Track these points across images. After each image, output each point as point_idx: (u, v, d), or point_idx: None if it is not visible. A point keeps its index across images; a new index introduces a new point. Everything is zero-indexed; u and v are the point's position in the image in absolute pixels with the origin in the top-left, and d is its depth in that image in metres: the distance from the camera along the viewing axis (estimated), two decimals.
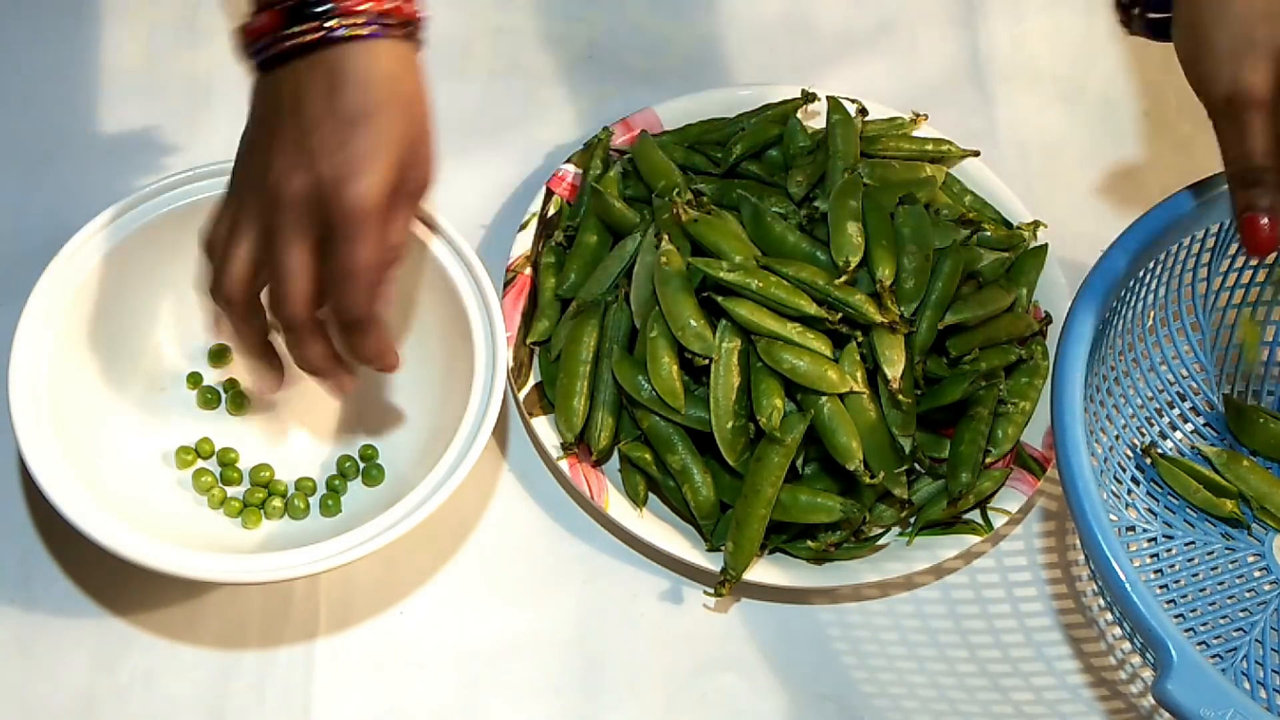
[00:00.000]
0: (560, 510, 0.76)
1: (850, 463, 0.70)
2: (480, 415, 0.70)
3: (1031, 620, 0.75)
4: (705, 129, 0.83)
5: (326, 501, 0.73)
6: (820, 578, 0.71)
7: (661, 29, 0.93)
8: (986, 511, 0.74)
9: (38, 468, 0.66)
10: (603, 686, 0.71)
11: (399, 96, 0.62)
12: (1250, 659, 0.73)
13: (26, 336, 0.69)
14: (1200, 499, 0.76)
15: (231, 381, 0.76)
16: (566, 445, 0.74)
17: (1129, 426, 0.78)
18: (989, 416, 0.74)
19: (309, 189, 0.61)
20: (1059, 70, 0.94)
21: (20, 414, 0.67)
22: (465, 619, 0.72)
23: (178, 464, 0.73)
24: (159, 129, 0.85)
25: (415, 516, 0.67)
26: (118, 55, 0.87)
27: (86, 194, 0.81)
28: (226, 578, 0.65)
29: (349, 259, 0.61)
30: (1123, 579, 0.62)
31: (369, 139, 0.61)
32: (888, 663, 0.73)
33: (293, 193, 0.61)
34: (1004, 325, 0.77)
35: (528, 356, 0.77)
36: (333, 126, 0.61)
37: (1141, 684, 0.73)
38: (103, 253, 0.72)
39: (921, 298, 0.73)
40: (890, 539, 0.73)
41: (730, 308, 0.71)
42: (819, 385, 0.70)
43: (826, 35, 0.94)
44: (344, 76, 0.61)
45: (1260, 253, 0.65)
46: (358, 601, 0.72)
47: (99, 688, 0.69)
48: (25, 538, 0.72)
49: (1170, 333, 0.79)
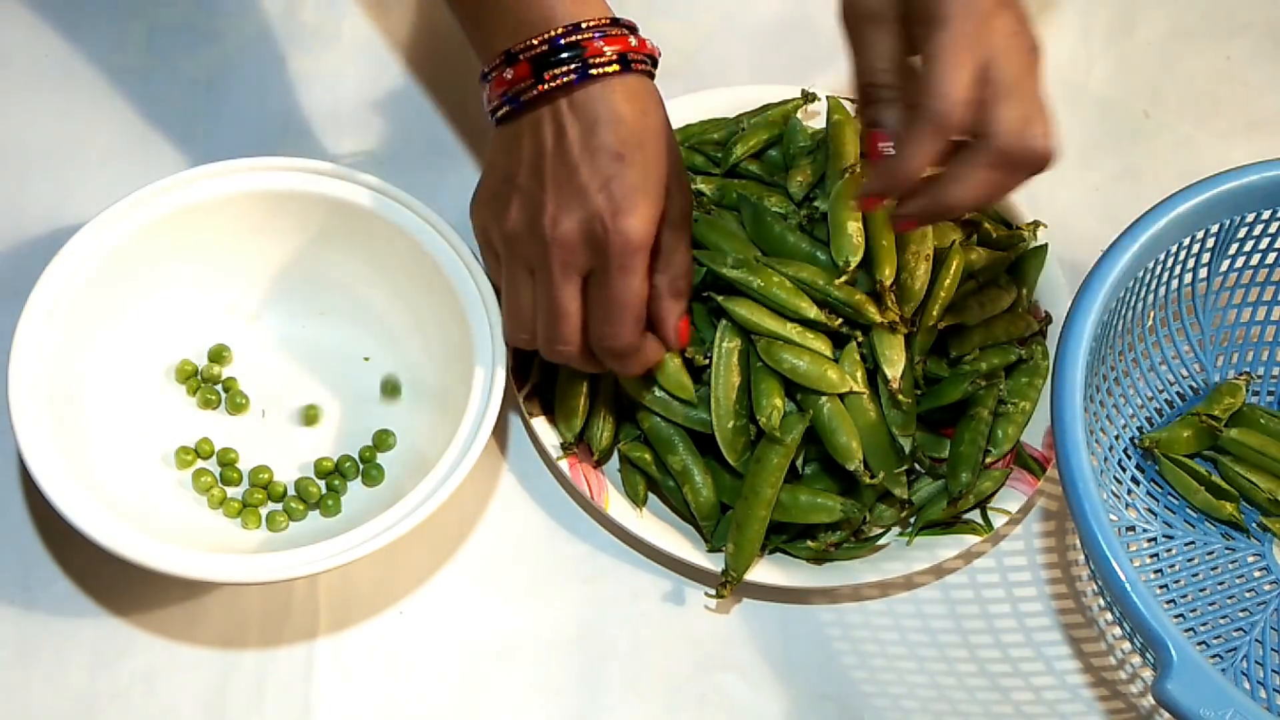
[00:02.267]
0: (560, 510, 0.76)
1: (850, 463, 0.70)
2: (480, 415, 0.70)
3: (1031, 620, 0.75)
4: (705, 129, 0.83)
5: (326, 501, 0.73)
6: (820, 578, 0.71)
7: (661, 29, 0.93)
8: (986, 511, 0.74)
9: (38, 468, 0.66)
10: (603, 686, 0.71)
11: (650, 130, 0.64)
12: (1250, 659, 0.73)
13: (26, 336, 0.69)
14: (1200, 500, 0.76)
15: (231, 381, 0.76)
16: (566, 445, 0.74)
17: (1129, 426, 0.78)
18: (989, 416, 0.74)
19: (582, 227, 0.63)
20: (1059, 70, 0.94)
21: (20, 414, 0.67)
22: (465, 619, 0.72)
23: (178, 464, 0.73)
24: (159, 129, 0.85)
25: (415, 516, 0.67)
26: (118, 55, 0.87)
27: (86, 194, 0.82)
28: (226, 578, 0.65)
29: (617, 291, 0.64)
30: (1123, 579, 0.62)
31: (633, 173, 0.63)
32: (888, 663, 0.73)
33: (566, 232, 0.63)
34: (1004, 325, 0.77)
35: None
36: (597, 165, 0.63)
37: (1141, 684, 0.73)
38: (103, 253, 0.72)
39: (921, 298, 0.73)
40: (890, 539, 0.73)
41: (730, 307, 0.71)
42: (819, 385, 0.70)
43: (826, 35, 0.94)
44: (599, 115, 0.63)
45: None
46: (358, 601, 0.72)
47: (99, 688, 0.69)
48: (25, 538, 0.72)
49: (1170, 333, 0.79)
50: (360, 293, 0.77)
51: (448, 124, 0.87)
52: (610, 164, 0.63)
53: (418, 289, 0.75)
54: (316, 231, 0.76)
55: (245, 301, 0.78)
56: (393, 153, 0.85)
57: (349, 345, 0.78)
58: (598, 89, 0.63)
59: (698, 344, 0.73)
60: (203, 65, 0.87)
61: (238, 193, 0.75)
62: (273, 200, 0.75)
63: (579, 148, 0.63)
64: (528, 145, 0.64)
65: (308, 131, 0.85)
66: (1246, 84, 0.94)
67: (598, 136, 0.63)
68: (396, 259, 0.75)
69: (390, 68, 0.89)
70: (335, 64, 0.88)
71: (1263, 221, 0.75)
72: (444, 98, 0.88)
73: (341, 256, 0.77)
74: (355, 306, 0.78)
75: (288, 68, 0.88)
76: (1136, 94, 0.94)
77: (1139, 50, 0.95)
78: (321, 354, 0.77)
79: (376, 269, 0.77)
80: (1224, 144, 0.91)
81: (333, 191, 0.75)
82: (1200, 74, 0.94)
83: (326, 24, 0.90)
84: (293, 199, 0.75)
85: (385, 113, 0.87)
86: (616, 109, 0.63)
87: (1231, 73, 0.95)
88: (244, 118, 0.86)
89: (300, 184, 0.75)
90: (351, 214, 0.75)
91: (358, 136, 0.86)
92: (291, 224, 0.76)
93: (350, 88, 0.88)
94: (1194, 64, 0.95)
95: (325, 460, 0.74)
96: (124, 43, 0.88)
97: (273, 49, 0.89)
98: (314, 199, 0.75)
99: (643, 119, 0.64)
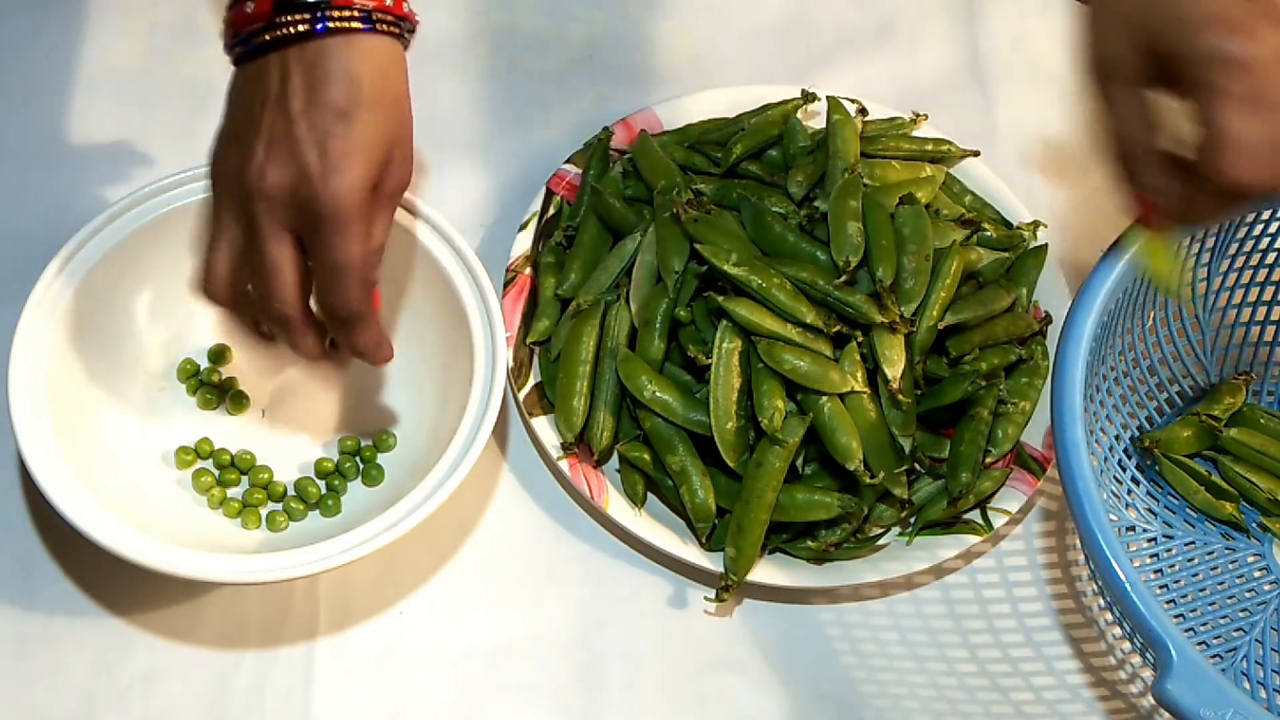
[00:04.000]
0: (560, 510, 0.76)
1: (850, 463, 0.70)
2: (480, 415, 0.70)
3: (1031, 620, 0.75)
4: (705, 129, 0.83)
5: (326, 501, 0.73)
6: (820, 578, 0.71)
7: (661, 29, 0.93)
8: (986, 511, 0.74)
9: (38, 468, 0.66)
10: (603, 686, 0.71)
11: (385, 94, 0.62)
12: (1250, 659, 0.73)
13: (26, 336, 0.69)
14: (1200, 500, 0.76)
15: (231, 381, 0.76)
16: (566, 445, 0.74)
17: (1129, 426, 0.78)
18: (989, 416, 0.74)
19: (290, 182, 0.60)
20: (1059, 70, 0.94)
21: (20, 414, 0.67)
22: (465, 619, 0.72)
23: (177, 464, 0.73)
24: (159, 129, 0.85)
25: (415, 516, 0.67)
26: (117, 55, 0.87)
27: (86, 194, 0.82)
28: (226, 578, 0.65)
29: (335, 254, 0.61)
30: (1123, 579, 0.62)
31: (353, 135, 0.60)
32: (888, 663, 0.73)
33: (272, 185, 0.60)
34: (1004, 325, 0.77)
35: (528, 356, 0.77)
36: (316, 120, 0.60)
37: (1141, 684, 0.73)
38: (102, 253, 0.72)
39: (921, 298, 0.73)
40: (890, 539, 0.73)
41: (730, 308, 0.71)
42: (819, 385, 0.70)
43: (826, 35, 0.94)
44: (331, 70, 0.60)
45: (1152, 226, 0.65)
46: (358, 601, 0.72)
47: (99, 688, 0.69)
48: (25, 538, 0.72)
49: (1170, 333, 0.79)
50: None
51: (448, 124, 0.87)
52: (332, 121, 0.60)
53: (418, 289, 0.75)
54: None
55: None
56: None
57: None
58: (334, 43, 0.60)
59: (699, 344, 0.73)
60: (203, 65, 0.87)
61: None
62: None
63: (301, 101, 0.60)
64: (253, 90, 0.62)
65: None
66: None
67: (324, 92, 0.60)
68: (396, 259, 0.75)
69: None
70: None
71: (1263, 221, 0.75)
72: (444, 98, 0.88)
73: None
74: None
75: None
76: None
77: None
78: None
79: None
80: None
81: None
82: None
83: None
84: None
85: None
86: (351, 67, 0.60)
87: None
88: None
89: None
90: None
91: None
92: None
93: None
94: None
95: (325, 460, 0.74)
96: (124, 43, 0.88)
97: None
98: None
99: (379, 81, 0.61)
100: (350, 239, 0.61)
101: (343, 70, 0.60)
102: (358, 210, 0.61)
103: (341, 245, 0.61)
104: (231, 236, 0.63)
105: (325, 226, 0.60)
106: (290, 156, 0.60)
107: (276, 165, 0.60)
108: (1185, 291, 0.69)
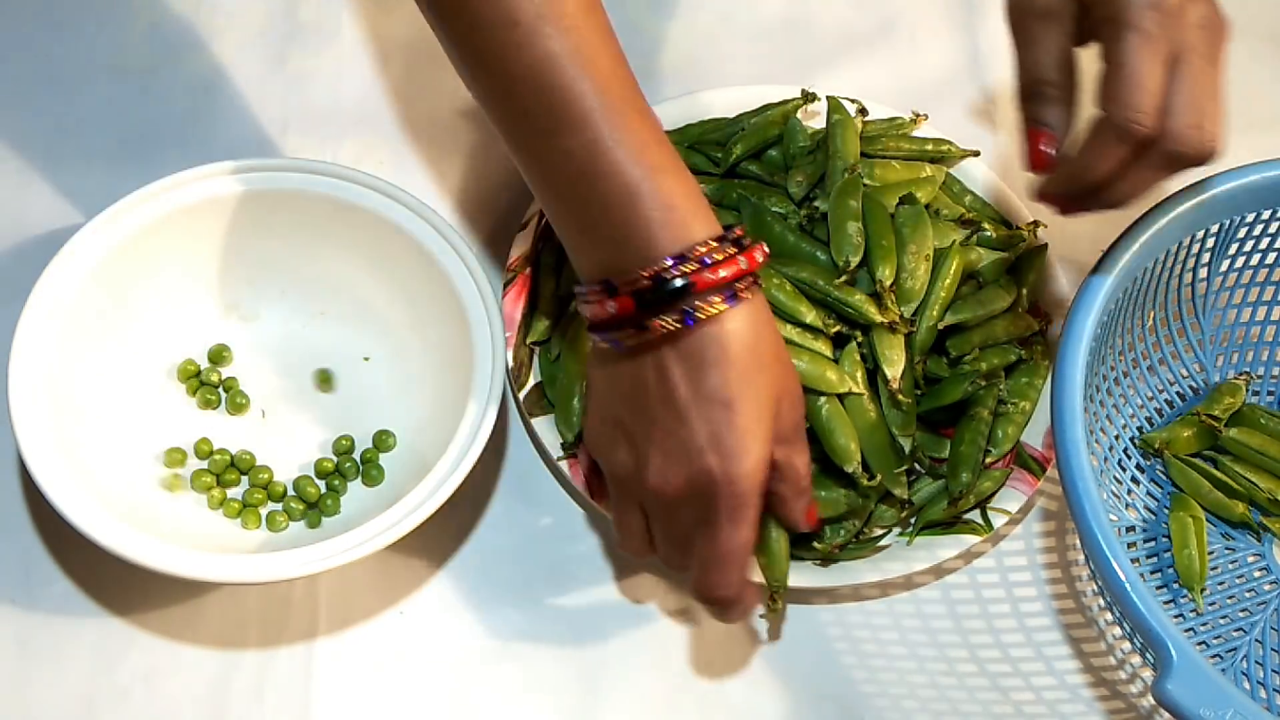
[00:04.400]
0: (560, 510, 0.76)
1: (849, 465, 0.70)
2: (480, 415, 0.70)
3: (1031, 620, 0.75)
4: (705, 129, 0.83)
5: (326, 501, 0.73)
6: (820, 578, 0.71)
7: (661, 29, 0.93)
8: (986, 511, 0.74)
9: (38, 468, 0.66)
10: (602, 687, 0.71)
11: (761, 360, 0.60)
12: (1250, 659, 0.73)
13: (26, 336, 0.69)
14: (1211, 500, 0.76)
15: (231, 381, 0.76)
16: (567, 445, 0.74)
17: (1129, 426, 0.78)
18: (989, 416, 0.74)
19: (689, 484, 0.60)
20: None
21: (20, 414, 0.67)
22: (465, 619, 0.72)
23: (177, 464, 0.73)
24: (159, 129, 0.85)
25: (415, 517, 0.67)
26: (118, 55, 0.87)
27: (86, 194, 0.82)
28: (226, 578, 0.65)
29: (725, 543, 0.60)
30: (1123, 579, 0.62)
31: (742, 419, 0.59)
32: (888, 663, 0.73)
33: (674, 488, 0.60)
34: (1004, 325, 0.77)
35: (528, 356, 0.77)
36: (703, 414, 0.59)
37: (1141, 684, 0.73)
38: (103, 253, 0.72)
39: (921, 298, 0.73)
40: (890, 539, 0.73)
41: None
42: (818, 385, 0.70)
43: (826, 35, 0.94)
44: (705, 359, 0.58)
45: (1036, 170, 0.63)
46: (358, 601, 0.72)
47: (99, 688, 0.69)
48: (25, 538, 0.72)
49: (1170, 333, 0.79)
50: (360, 293, 0.77)
51: (448, 124, 0.87)
52: (718, 413, 0.58)
53: (418, 289, 0.75)
54: (316, 231, 0.76)
55: (245, 301, 0.78)
56: (393, 153, 0.85)
57: (349, 345, 0.78)
58: (706, 331, 0.58)
59: None
60: (203, 65, 0.87)
61: (238, 193, 0.75)
62: (273, 200, 0.75)
63: (685, 396, 0.59)
64: (628, 383, 0.61)
65: (308, 131, 0.85)
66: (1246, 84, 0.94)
67: (705, 383, 0.58)
68: (396, 259, 0.75)
69: (390, 68, 0.89)
70: (335, 64, 0.88)
71: (1263, 221, 0.75)
72: (444, 98, 0.88)
73: (341, 256, 0.77)
74: (355, 306, 0.78)
75: (288, 67, 0.88)
76: None
77: None
78: (321, 354, 0.77)
79: (376, 269, 0.77)
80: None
81: (333, 191, 0.75)
82: None
83: (326, 23, 0.90)
84: (293, 199, 0.75)
85: (385, 113, 0.87)
86: (726, 351, 0.58)
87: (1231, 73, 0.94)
88: (244, 118, 0.86)
89: (300, 184, 0.75)
90: (351, 214, 0.75)
91: (358, 136, 0.86)
92: (291, 224, 0.76)
93: (350, 88, 0.88)
94: None
95: (325, 460, 0.74)
96: (124, 43, 0.88)
97: (273, 49, 0.89)
98: (314, 199, 0.75)
99: (752, 355, 0.59)
100: (742, 525, 0.60)
101: (718, 356, 0.58)
102: (756, 493, 0.60)
103: (731, 533, 0.60)
104: (638, 517, 0.64)
105: (721, 516, 0.60)
106: (687, 458, 0.59)
107: (675, 466, 0.60)
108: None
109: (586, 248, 0.61)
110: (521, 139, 0.62)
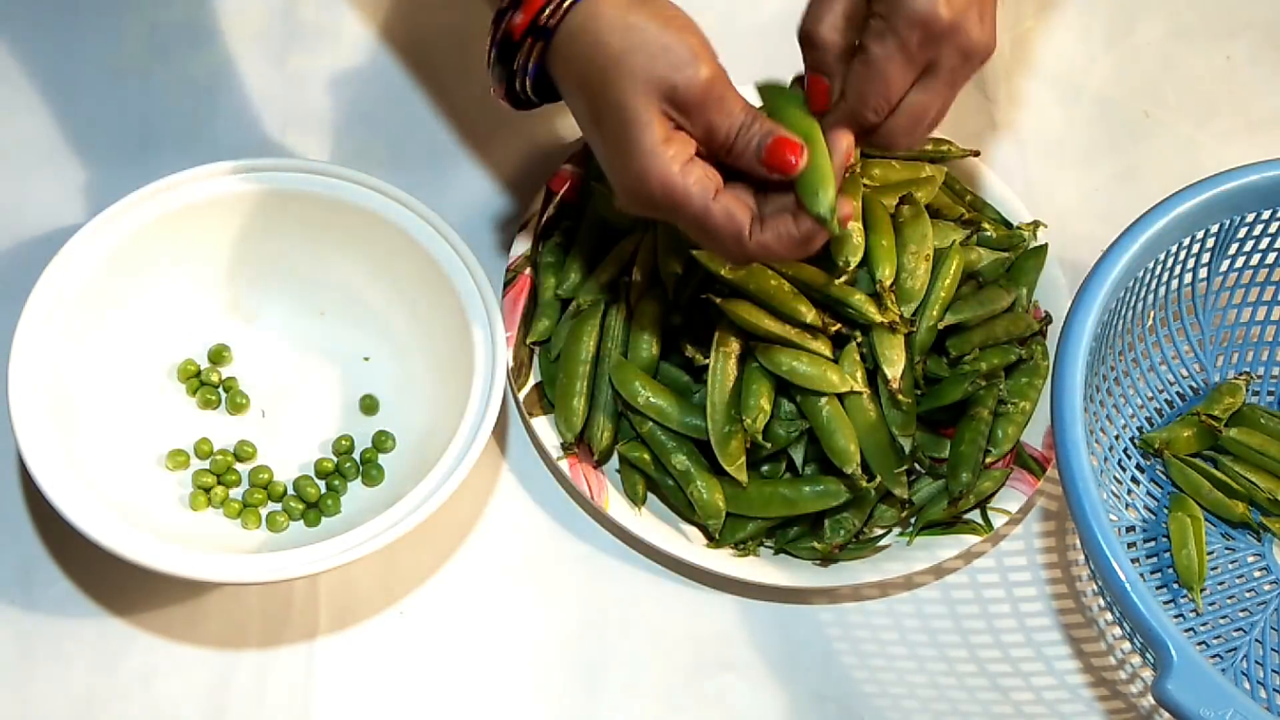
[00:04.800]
0: (560, 510, 0.76)
1: (848, 466, 0.70)
2: (480, 415, 0.70)
3: (1031, 620, 0.75)
4: None
5: (326, 501, 0.73)
6: (820, 578, 0.71)
7: None
8: (986, 511, 0.74)
9: (38, 468, 0.66)
10: (603, 686, 0.71)
11: (602, 68, 0.62)
12: (1250, 659, 0.73)
13: (26, 336, 0.69)
14: (1212, 500, 0.76)
15: (231, 381, 0.76)
16: (566, 445, 0.74)
17: (1129, 426, 0.78)
18: (989, 416, 0.74)
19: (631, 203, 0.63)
20: (1059, 70, 0.94)
21: (20, 414, 0.67)
22: (465, 619, 0.72)
23: (177, 464, 0.73)
24: (159, 129, 0.85)
25: (415, 516, 0.67)
26: (118, 54, 0.87)
27: (86, 194, 0.82)
28: (226, 578, 0.65)
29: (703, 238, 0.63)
30: (1123, 579, 0.62)
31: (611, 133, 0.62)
32: (888, 663, 0.73)
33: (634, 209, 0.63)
34: (1004, 325, 0.77)
35: (528, 356, 0.77)
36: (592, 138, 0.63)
37: (1141, 684, 0.73)
38: (103, 253, 0.72)
39: (921, 298, 0.73)
40: (890, 539, 0.73)
41: (729, 309, 0.71)
42: (819, 386, 0.70)
43: None
44: (567, 89, 0.63)
45: (815, 110, 0.65)
46: (358, 601, 0.72)
47: (99, 688, 0.69)
48: (25, 538, 0.72)
49: (1170, 333, 0.79)
50: (360, 293, 0.77)
51: (448, 124, 0.87)
52: (594, 135, 0.63)
53: (418, 289, 0.75)
54: (316, 231, 0.76)
55: (245, 301, 0.78)
56: (393, 153, 0.85)
57: (349, 345, 0.78)
58: (556, 75, 0.63)
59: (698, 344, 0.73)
60: (203, 65, 0.87)
61: (238, 193, 0.75)
62: (273, 200, 0.75)
63: (585, 129, 0.63)
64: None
65: (308, 131, 0.85)
66: (1246, 84, 0.94)
67: (579, 113, 0.63)
68: (396, 259, 0.75)
69: (390, 68, 0.89)
70: (335, 64, 0.88)
71: (1263, 221, 0.75)
72: (444, 98, 0.88)
73: (341, 256, 0.77)
74: (355, 306, 0.78)
75: (288, 68, 0.88)
76: (1136, 94, 0.94)
77: (1139, 50, 0.95)
78: (321, 354, 0.77)
79: (376, 269, 0.77)
80: (1224, 144, 0.91)
81: (333, 191, 0.75)
82: (1200, 74, 0.94)
83: (326, 23, 0.90)
84: (293, 199, 0.75)
85: (385, 113, 0.87)
86: (572, 78, 0.62)
87: (1231, 73, 0.95)
88: (244, 118, 0.86)
89: (300, 184, 0.75)
90: (351, 214, 0.75)
91: (358, 136, 0.86)
92: (291, 224, 0.76)
93: (350, 88, 0.88)
94: (1194, 64, 0.95)
95: (325, 460, 0.74)
96: (124, 43, 0.88)
97: (273, 49, 0.89)
98: (314, 199, 0.75)
99: (592, 67, 0.62)
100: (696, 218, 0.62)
101: (572, 90, 0.63)
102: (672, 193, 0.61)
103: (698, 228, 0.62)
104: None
105: (677, 219, 0.63)
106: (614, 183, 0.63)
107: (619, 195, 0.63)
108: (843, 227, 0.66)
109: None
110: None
